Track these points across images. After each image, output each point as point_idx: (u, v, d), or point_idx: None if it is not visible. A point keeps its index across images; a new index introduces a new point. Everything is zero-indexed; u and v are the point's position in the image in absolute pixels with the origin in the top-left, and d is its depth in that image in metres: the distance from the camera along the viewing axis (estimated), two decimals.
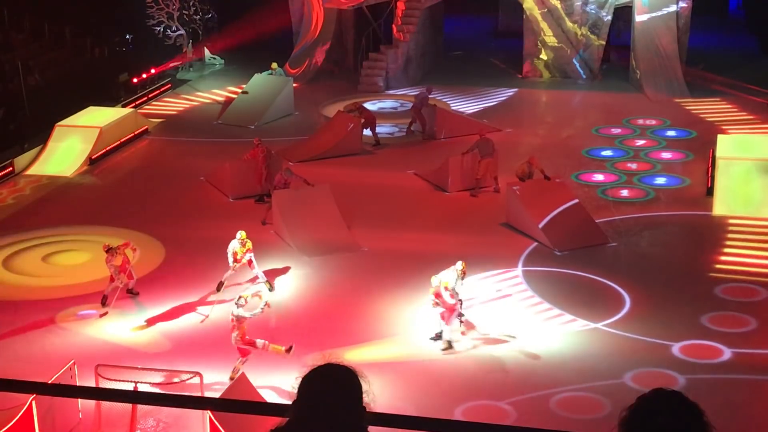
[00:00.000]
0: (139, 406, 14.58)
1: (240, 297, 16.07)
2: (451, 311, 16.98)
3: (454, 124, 28.68)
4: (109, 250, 18.39)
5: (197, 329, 17.73)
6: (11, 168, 26.01)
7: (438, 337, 17.31)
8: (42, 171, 26.25)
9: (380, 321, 18.10)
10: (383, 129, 29.05)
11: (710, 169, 24.39)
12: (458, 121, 29.19)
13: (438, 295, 16.98)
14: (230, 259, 18.93)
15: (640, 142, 27.93)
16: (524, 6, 34.76)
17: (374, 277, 19.85)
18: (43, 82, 30.37)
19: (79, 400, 14.87)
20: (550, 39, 34.68)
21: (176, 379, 14.98)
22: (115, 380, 14.58)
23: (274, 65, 32.21)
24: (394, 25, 35.31)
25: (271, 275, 19.87)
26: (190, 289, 19.36)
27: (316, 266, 20.35)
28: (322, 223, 21.59)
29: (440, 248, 21.10)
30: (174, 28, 35.68)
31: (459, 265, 17.26)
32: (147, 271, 20.19)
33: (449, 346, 17.10)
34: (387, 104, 32.50)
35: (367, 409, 4.51)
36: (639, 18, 33.12)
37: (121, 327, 17.99)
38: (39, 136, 27.63)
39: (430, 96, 29.17)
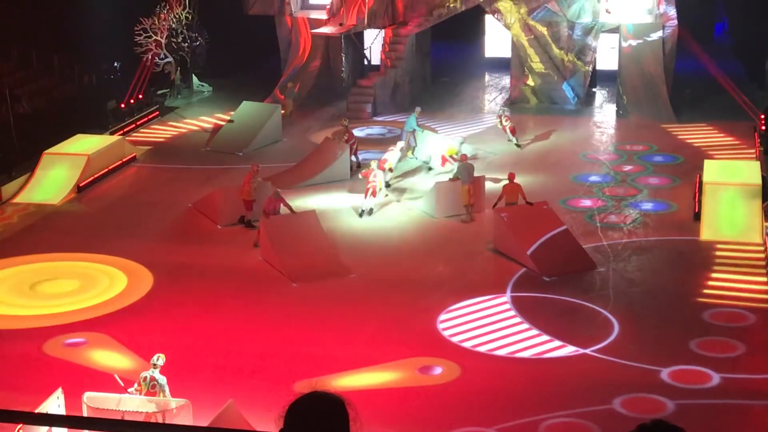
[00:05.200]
0: None
1: (158, 357, 15.52)
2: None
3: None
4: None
5: (187, 357, 17.66)
6: None
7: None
8: (29, 199, 26.21)
9: (369, 348, 18.08)
10: (371, 155, 29.14)
11: (697, 194, 24.53)
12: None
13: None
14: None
15: (628, 168, 28.10)
16: (511, 33, 34.99)
17: (363, 303, 19.85)
18: (31, 109, 30.39)
19: (66, 430, 14.79)
20: (537, 65, 34.90)
21: (167, 408, 14.92)
22: (103, 409, 14.51)
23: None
24: (381, 52, 35.50)
25: (261, 302, 19.86)
26: (178, 316, 19.32)
27: (305, 292, 20.34)
28: (311, 249, 21.63)
29: (428, 274, 21.15)
30: (162, 55, 35.77)
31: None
32: (135, 299, 20.15)
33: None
34: (375, 131, 32.62)
35: None
36: (625, 44, 33.38)
37: (109, 356, 17.92)
38: (26, 163, 27.61)
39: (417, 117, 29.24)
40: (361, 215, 24.33)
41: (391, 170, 26.11)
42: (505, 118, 30.25)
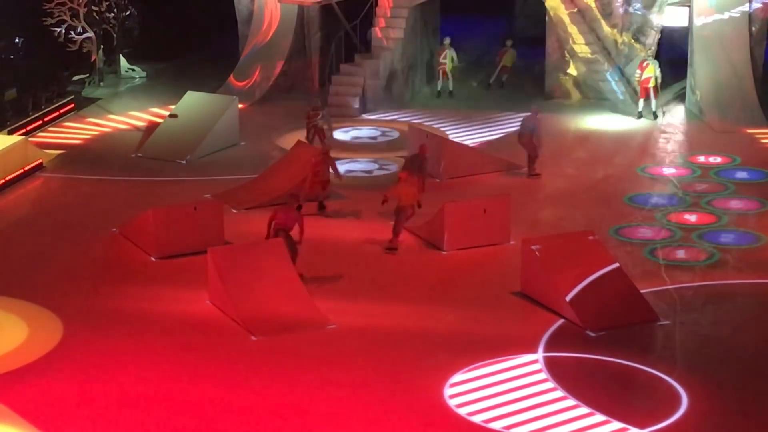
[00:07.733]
0: None
1: None
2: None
3: (462, 160, 28.79)
4: None
5: None
6: None
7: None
8: None
9: (352, 424, 18.01)
10: (358, 165, 29.12)
11: None
12: (468, 156, 29.25)
13: None
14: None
15: (701, 187, 28.13)
16: (547, 4, 35.09)
17: (344, 364, 19.78)
18: None
19: None
20: (582, 48, 34.93)
21: None
22: None
23: None
24: (375, 28, 35.54)
25: (208, 362, 19.79)
26: (95, 380, 19.22)
27: (268, 348, 20.29)
28: (276, 290, 21.56)
29: (432, 325, 21.12)
30: (79, 29, 35.79)
31: None
32: (39, 355, 20.06)
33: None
34: (363, 132, 32.59)
35: None
36: (699, 22, 33.45)
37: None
38: None
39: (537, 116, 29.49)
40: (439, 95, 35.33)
41: (654, 90, 33.31)
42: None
